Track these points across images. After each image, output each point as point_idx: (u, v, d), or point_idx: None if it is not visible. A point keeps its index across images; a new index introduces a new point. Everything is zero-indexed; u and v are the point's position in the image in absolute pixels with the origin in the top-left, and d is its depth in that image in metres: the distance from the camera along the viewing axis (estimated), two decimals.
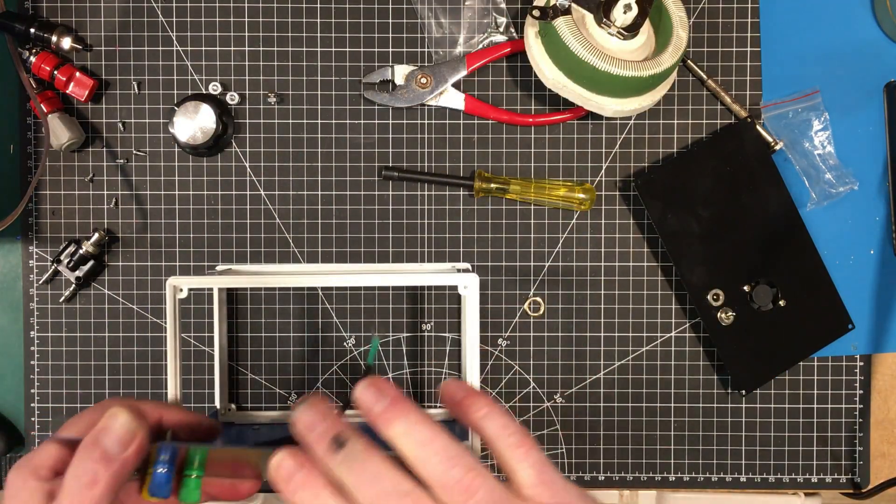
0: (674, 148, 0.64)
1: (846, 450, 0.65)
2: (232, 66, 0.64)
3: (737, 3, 0.64)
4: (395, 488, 0.30)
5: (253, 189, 0.64)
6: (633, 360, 0.65)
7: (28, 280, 0.64)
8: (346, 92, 0.64)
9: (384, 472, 0.31)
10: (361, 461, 0.31)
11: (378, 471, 0.31)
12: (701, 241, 0.62)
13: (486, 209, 0.64)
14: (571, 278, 0.64)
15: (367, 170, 0.64)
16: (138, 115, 0.64)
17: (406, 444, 0.32)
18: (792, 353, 0.63)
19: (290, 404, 0.64)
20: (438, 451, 0.31)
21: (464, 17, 0.63)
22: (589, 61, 0.54)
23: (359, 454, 0.32)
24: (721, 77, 0.64)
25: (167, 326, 0.53)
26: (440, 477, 0.31)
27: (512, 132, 0.64)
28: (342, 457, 0.32)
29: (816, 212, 0.64)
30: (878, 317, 0.65)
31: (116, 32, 0.63)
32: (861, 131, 0.64)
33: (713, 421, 0.65)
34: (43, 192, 0.64)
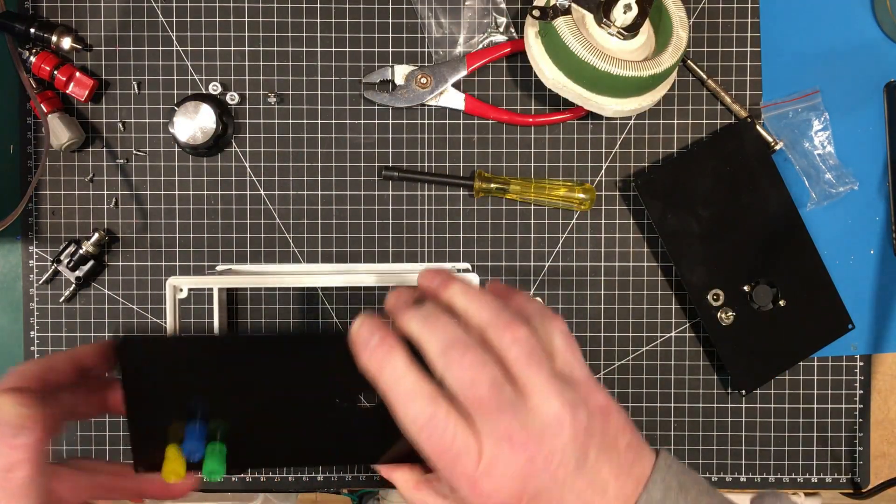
0: (674, 148, 0.64)
1: (846, 450, 0.65)
2: (232, 66, 0.64)
3: (737, 3, 0.64)
4: (461, 338, 0.36)
5: (253, 189, 0.64)
6: (633, 360, 0.65)
7: (28, 280, 0.64)
8: (346, 92, 0.64)
9: (451, 325, 0.37)
10: (434, 317, 0.37)
11: (446, 324, 0.37)
12: (701, 241, 0.62)
13: (486, 209, 0.64)
14: (571, 278, 0.64)
15: (367, 170, 0.64)
16: (138, 115, 0.64)
17: (462, 300, 0.38)
18: (792, 353, 0.63)
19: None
20: (488, 303, 0.38)
21: (464, 17, 0.63)
22: (589, 61, 0.54)
23: (432, 311, 0.38)
24: (721, 77, 0.64)
25: (167, 326, 0.53)
26: (491, 319, 0.37)
27: (512, 132, 0.64)
28: (420, 313, 0.38)
29: (816, 212, 0.64)
30: (878, 317, 0.65)
31: (116, 32, 0.63)
32: (861, 131, 0.64)
33: (713, 421, 0.65)
34: (43, 192, 0.64)
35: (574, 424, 0.35)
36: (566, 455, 0.35)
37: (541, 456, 0.35)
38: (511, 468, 0.35)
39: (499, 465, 0.35)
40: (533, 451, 0.35)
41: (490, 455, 0.35)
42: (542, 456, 0.35)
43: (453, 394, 0.35)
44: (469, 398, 0.35)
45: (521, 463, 0.35)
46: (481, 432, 0.35)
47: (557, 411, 0.35)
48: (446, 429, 0.35)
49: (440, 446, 0.35)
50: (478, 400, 0.35)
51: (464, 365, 0.35)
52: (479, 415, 0.35)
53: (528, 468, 0.35)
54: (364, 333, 0.37)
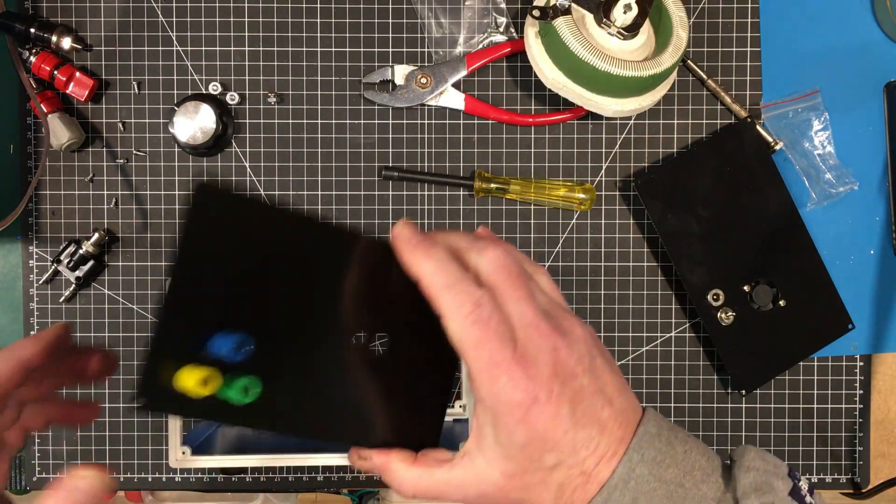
0: (674, 148, 0.64)
1: (846, 450, 0.65)
2: (232, 66, 0.64)
3: (737, 3, 0.64)
4: (483, 238, 0.41)
5: (253, 189, 0.64)
6: (633, 360, 0.65)
7: (28, 280, 0.64)
8: (346, 92, 0.64)
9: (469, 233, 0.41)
10: (452, 230, 0.41)
11: (465, 232, 0.41)
12: (701, 241, 0.62)
13: (486, 209, 0.64)
14: (571, 278, 0.64)
15: (367, 170, 0.64)
16: (138, 115, 0.64)
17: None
18: (792, 353, 0.63)
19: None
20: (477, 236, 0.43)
21: (464, 17, 0.63)
22: (589, 61, 0.54)
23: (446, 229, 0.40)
24: (721, 77, 0.64)
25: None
26: (490, 239, 0.42)
27: (512, 132, 0.64)
28: (440, 230, 0.40)
29: (816, 212, 0.64)
30: (878, 317, 0.65)
31: (116, 32, 0.63)
32: (861, 131, 0.64)
33: (713, 421, 0.65)
34: (43, 192, 0.64)
35: (583, 327, 0.39)
36: (581, 351, 0.38)
37: (564, 345, 0.37)
38: (543, 355, 0.37)
39: (532, 350, 0.37)
40: (557, 340, 0.37)
41: (524, 340, 0.37)
42: (566, 346, 0.38)
43: (488, 282, 0.38)
44: (503, 280, 0.38)
45: (550, 349, 0.37)
46: (512, 319, 0.37)
47: (565, 314, 0.39)
48: (491, 314, 0.37)
49: (486, 330, 0.37)
50: (511, 282, 0.38)
51: (497, 249, 0.39)
52: (511, 300, 0.38)
53: (555, 356, 0.37)
54: (406, 232, 0.40)
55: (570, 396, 0.37)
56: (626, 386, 0.40)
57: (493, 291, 0.38)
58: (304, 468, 0.65)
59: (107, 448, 0.64)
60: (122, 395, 0.64)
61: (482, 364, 0.37)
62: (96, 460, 0.64)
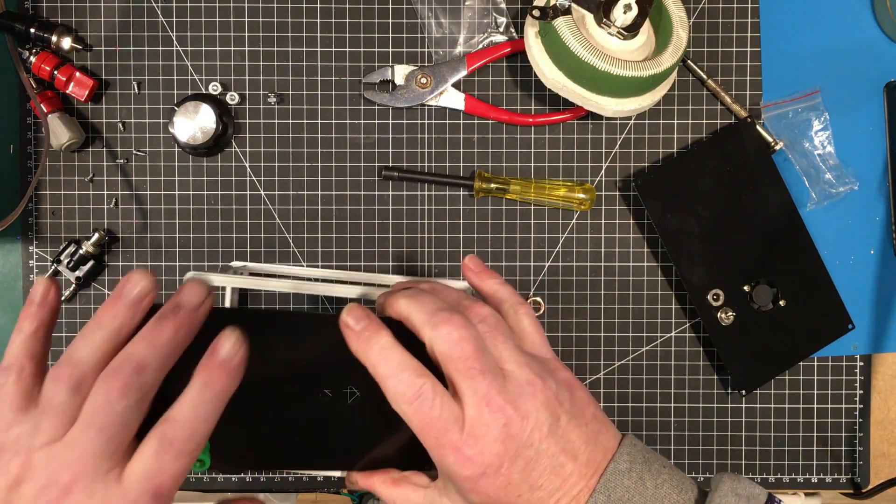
0: (674, 148, 0.64)
1: (846, 450, 0.65)
2: (232, 66, 0.64)
3: (737, 3, 0.64)
4: (445, 306, 0.41)
5: (253, 189, 0.64)
6: (633, 360, 0.65)
7: (28, 280, 0.64)
8: (346, 92, 0.64)
9: (435, 298, 0.41)
10: (419, 293, 0.42)
11: (431, 298, 0.41)
12: (701, 241, 0.62)
13: (486, 209, 0.64)
14: (571, 278, 0.64)
15: (367, 170, 0.64)
16: (138, 115, 0.64)
17: (430, 292, 0.44)
18: (792, 353, 0.63)
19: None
20: (454, 291, 0.45)
21: (464, 17, 0.63)
22: (589, 61, 0.54)
23: (416, 291, 0.42)
24: (721, 77, 0.64)
25: None
26: (459, 300, 0.43)
27: (512, 132, 0.64)
28: (406, 293, 0.42)
29: (816, 212, 0.64)
30: (878, 317, 0.65)
31: (116, 32, 0.63)
32: (861, 131, 0.64)
33: (713, 421, 0.65)
34: (43, 192, 0.64)
35: (545, 390, 0.39)
36: (540, 418, 0.38)
37: (517, 418, 0.38)
38: (492, 431, 0.38)
39: (480, 428, 0.38)
40: (510, 413, 0.38)
41: (472, 419, 0.38)
42: (519, 418, 0.38)
43: (440, 357, 0.39)
44: (455, 356, 0.38)
45: (500, 425, 0.38)
46: (464, 399, 0.38)
47: (529, 377, 0.39)
48: (434, 399, 0.38)
49: (429, 416, 0.38)
50: (464, 359, 0.38)
51: (452, 324, 0.39)
52: (463, 377, 0.38)
53: (506, 431, 0.38)
54: (352, 318, 0.40)
55: (522, 466, 0.38)
56: (600, 429, 0.40)
57: (444, 367, 0.39)
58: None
59: None
60: None
61: (430, 444, 0.39)
62: None
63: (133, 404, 0.35)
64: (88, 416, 0.35)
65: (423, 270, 0.64)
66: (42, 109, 0.60)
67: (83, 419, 0.35)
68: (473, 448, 0.38)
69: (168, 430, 0.35)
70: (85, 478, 0.34)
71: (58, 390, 0.35)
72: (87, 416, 0.35)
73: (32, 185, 0.60)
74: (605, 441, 0.40)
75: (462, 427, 0.38)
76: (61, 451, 0.34)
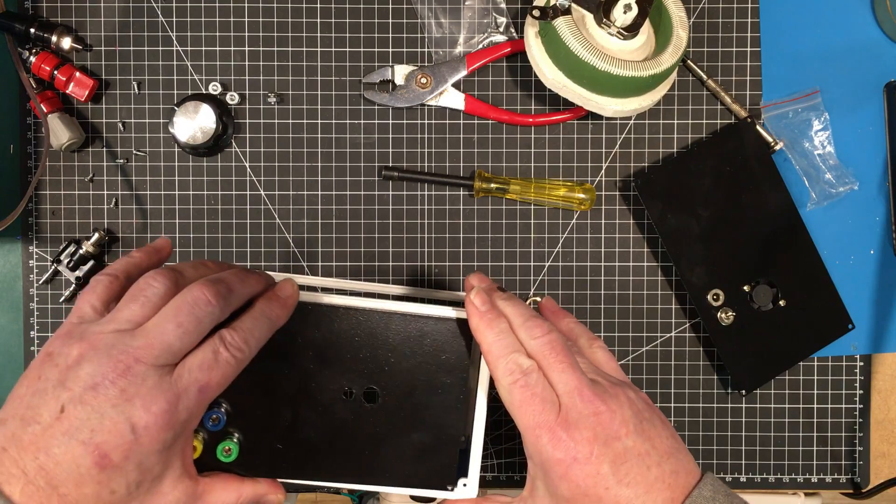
0: (674, 148, 0.64)
1: (846, 450, 0.65)
2: (232, 66, 0.64)
3: (737, 3, 0.64)
4: (536, 313, 0.45)
5: (253, 189, 0.64)
6: (633, 360, 0.65)
7: (28, 280, 0.64)
8: (346, 92, 0.64)
9: (526, 305, 0.46)
10: (515, 298, 0.46)
11: (524, 304, 0.46)
12: (701, 241, 0.62)
13: (486, 209, 0.64)
14: (571, 278, 0.64)
15: (367, 170, 0.64)
16: (138, 115, 0.64)
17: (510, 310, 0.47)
18: (792, 353, 0.63)
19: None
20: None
21: (464, 17, 0.63)
22: (589, 61, 0.54)
23: (511, 294, 0.47)
24: (721, 77, 0.64)
25: None
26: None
27: (512, 132, 0.64)
28: (504, 294, 0.46)
29: (816, 212, 0.64)
30: (878, 317, 0.65)
31: (116, 32, 0.63)
32: (861, 131, 0.64)
33: (713, 421, 0.65)
34: (43, 192, 0.64)
35: (627, 396, 0.42)
36: (626, 415, 0.41)
37: (606, 410, 0.41)
38: (584, 419, 0.40)
39: (573, 414, 0.41)
40: (599, 405, 0.41)
41: (566, 405, 0.41)
42: (608, 411, 0.41)
43: (535, 352, 0.43)
44: (548, 352, 0.42)
45: (591, 413, 0.41)
46: (557, 388, 0.41)
47: (612, 384, 0.43)
48: (537, 380, 0.41)
49: (531, 393, 0.41)
50: (556, 354, 0.42)
51: (543, 328, 0.43)
52: (557, 371, 0.42)
53: (596, 420, 0.40)
54: (479, 300, 0.45)
55: (611, 457, 0.40)
56: (680, 449, 0.42)
57: (540, 363, 0.42)
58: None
59: None
60: None
61: (527, 424, 0.41)
62: None
63: (214, 313, 0.39)
64: (173, 309, 0.39)
65: (423, 270, 0.64)
66: (42, 109, 0.60)
67: (167, 311, 0.39)
68: (566, 431, 0.40)
69: (227, 334, 0.40)
70: (144, 363, 0.37)
71: (155, 281, 0.40)
72: (172, 308, 0.39)
73: (32, 185, 0.60)
74: (686, 463, 0.42)
75: (558, 411, 0.41)
76: (130, 339, 0.38)
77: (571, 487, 0.40)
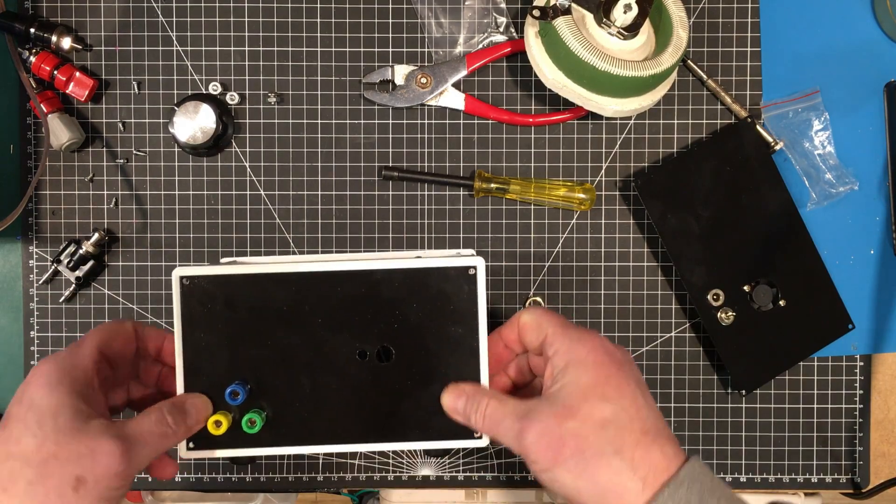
0: (674, 148, 0.64)
1: (846, 450, 0.65)
2: (232, 66, 0.64)
3: (737, 3, 0.64)
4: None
5: (253, 189, 0.64)
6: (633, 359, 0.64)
7: (28, 280, 0.64)
8: (346, 92, 0.64)
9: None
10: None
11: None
12: (701, 240, 0.62)
13: (486, 209, 0.64)
14: (571, 278, 0.64)
15: (367, 170, 0.64)
16: (138, 115, 0.64)
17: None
18: (792, 353, 0.63)
19: None
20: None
21: (464, 17, 0.63)
22: (589, 61, 0.54)
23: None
24: (721, 77, 0.64)
25: (175, 316, 0.52)
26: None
27: (512, 132, 0.64)
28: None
29: (816, 212, 0.64)
30: (878, 317, 0.65)
31: (116, 32, 0.63)
32: (861, 131, 0.64)
33: (713, 421, 0.65)
34: (43, 192, 0.64)
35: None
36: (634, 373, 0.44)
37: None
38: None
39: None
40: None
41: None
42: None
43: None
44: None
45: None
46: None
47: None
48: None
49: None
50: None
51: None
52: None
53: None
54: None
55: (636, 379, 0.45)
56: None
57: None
58: (303, 466, 0.65)
59: None
60: None
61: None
62: None
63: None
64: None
65: None
66: (42, 109, 0.60)
67: None
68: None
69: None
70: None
71: None
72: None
73: (32, 185, 0.60)
74: (673, 443, 0.43)
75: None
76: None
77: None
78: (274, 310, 0.48)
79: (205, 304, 0.48)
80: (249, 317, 0.48)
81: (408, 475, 0.65)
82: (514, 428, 0.43)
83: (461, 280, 0.49)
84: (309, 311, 0.48)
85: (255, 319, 0.48)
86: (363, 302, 0.48)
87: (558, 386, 0.43)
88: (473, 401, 0.46)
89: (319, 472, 0.65)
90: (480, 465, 0.65)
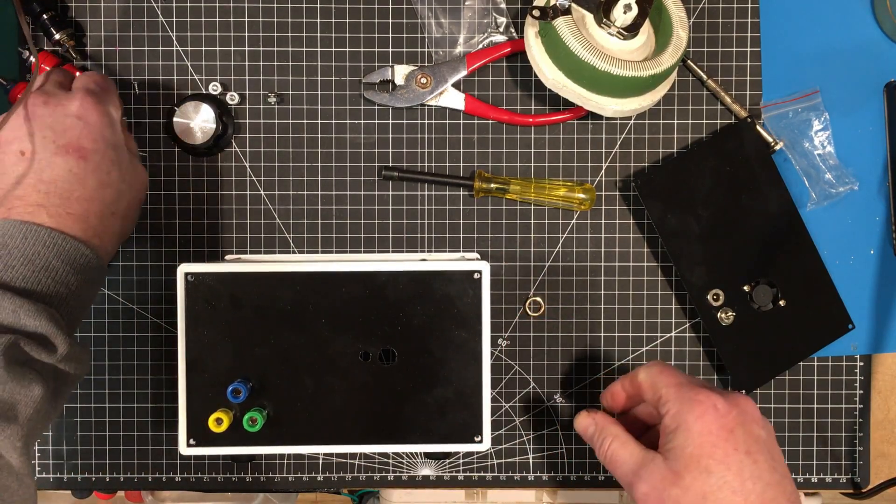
0: (674, 148, 0.64)
1: (846, 450, 0.65)
2: (232, 66, 0.64)
3: (737, 3, 0.64)
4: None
5: (253, 189, 0.64)
6: (633, 360, 0.65)
7: None
8: (346, 92, 0.64)
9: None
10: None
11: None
12: (701, 241, 0.62)
13: (486, 209, 0.64)
14: (571, 278, 0.64)
15: (367, 170, 0.64)
16: (138, 115, 0.64)
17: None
18: (792, 353, 0.63)
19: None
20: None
21: (464, 17, 0.63)
22: (589, 61, 0.54)
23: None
24: (721, 77, 0.64)
25: (178, 313, 0.52)
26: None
27: (512, 132, 0.64)
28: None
29: (816, 212, 0.64)
30: (878, 317, 0.65)
31: (116, 32, 0.63)
32: (861, 131, 0.64)
33: None
34: None
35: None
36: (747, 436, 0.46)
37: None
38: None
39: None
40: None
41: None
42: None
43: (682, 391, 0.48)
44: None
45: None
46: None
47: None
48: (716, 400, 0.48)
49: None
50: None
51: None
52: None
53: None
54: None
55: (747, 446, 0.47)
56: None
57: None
58: (303, 466, 0.65)
59: (107, 448, 0.64)
60: (121, 395, 0.64)
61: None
62: (96, 460, 0.64)
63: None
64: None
65: None
66: None
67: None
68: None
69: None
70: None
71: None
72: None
73: None
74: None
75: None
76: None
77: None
78: (278, 309, 0.48)
79: (209, 301, 0.48)
80: (253, 315, 0.48)
81: (408, 475, 0.65)
82: (627, 477, 0.48)
83: (466, 284, 0.49)
84: (313, 310, 0.48)
85: (258, 318, 0.48)
86: (367, 303, 0.48)
87: (670, 446, 0.46)
88: (600, 435, 0.51)
89: (319, 472, 0.65)
90: (480, 465, 0.65)
